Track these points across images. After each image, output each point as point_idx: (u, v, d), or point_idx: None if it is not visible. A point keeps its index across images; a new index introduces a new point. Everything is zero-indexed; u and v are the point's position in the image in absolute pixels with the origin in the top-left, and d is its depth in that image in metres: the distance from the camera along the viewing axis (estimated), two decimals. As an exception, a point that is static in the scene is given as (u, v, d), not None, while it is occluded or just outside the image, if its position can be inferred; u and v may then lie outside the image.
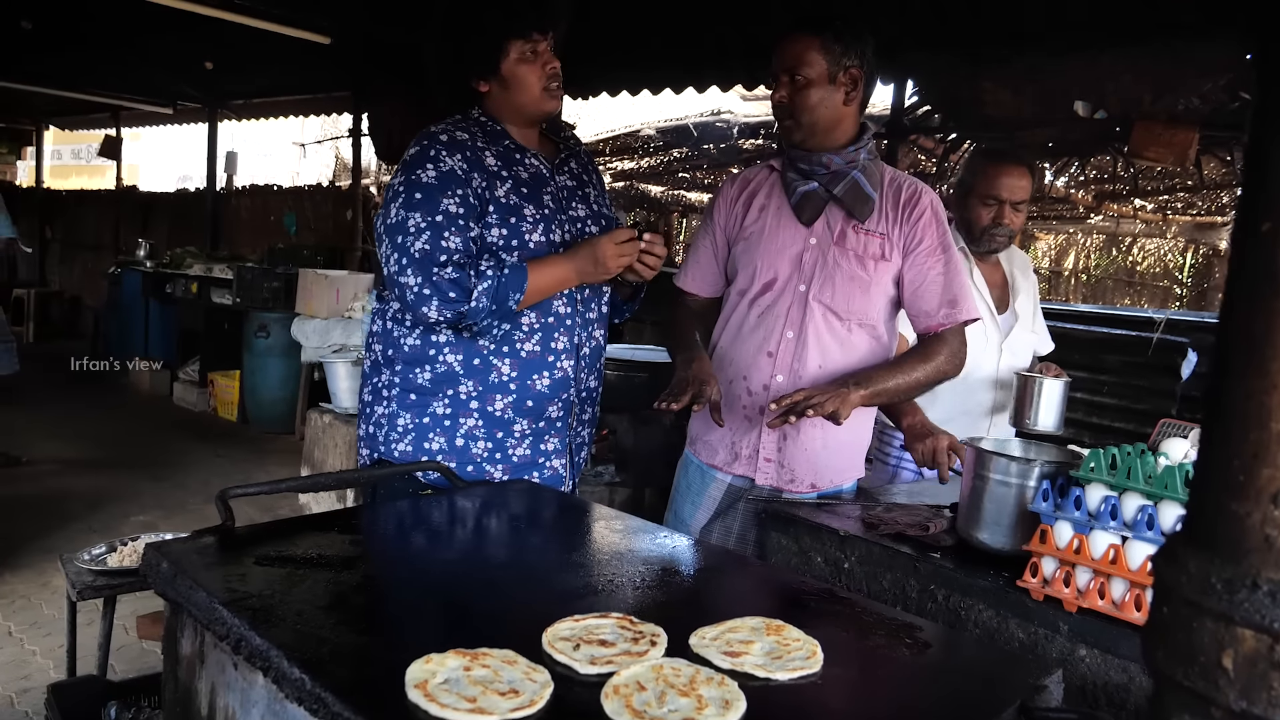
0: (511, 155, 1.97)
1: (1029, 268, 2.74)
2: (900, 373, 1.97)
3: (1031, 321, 2.66)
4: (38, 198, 12.34)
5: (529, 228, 1.91)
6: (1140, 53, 3.70)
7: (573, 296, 2.00)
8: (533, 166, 1.99)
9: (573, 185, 2.06)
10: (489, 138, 1.97)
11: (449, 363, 1.94)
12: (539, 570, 1.39)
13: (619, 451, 4.16)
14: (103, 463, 5.76)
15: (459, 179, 1.87)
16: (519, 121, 2.00)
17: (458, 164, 1.88)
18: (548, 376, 1.98)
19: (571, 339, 2.00)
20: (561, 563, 1.42)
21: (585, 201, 2.06)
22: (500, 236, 1.90)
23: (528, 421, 1.99)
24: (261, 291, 6.65)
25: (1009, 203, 2.49)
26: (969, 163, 2.94)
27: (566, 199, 2.02)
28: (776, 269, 2.04)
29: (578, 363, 2.03)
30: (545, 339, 1.97)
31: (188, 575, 1.25)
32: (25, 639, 3.42)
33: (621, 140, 9.19)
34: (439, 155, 1.88)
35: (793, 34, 1.96)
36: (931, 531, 1.70)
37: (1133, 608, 1.35)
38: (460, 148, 1.90)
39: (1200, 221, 8.90)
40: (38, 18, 6.40)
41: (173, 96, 9.38)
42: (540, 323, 1.96)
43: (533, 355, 1.96)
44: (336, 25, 5.76)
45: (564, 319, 1.99)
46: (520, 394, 1.96)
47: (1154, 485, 1.38)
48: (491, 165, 1.92)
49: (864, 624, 1.24)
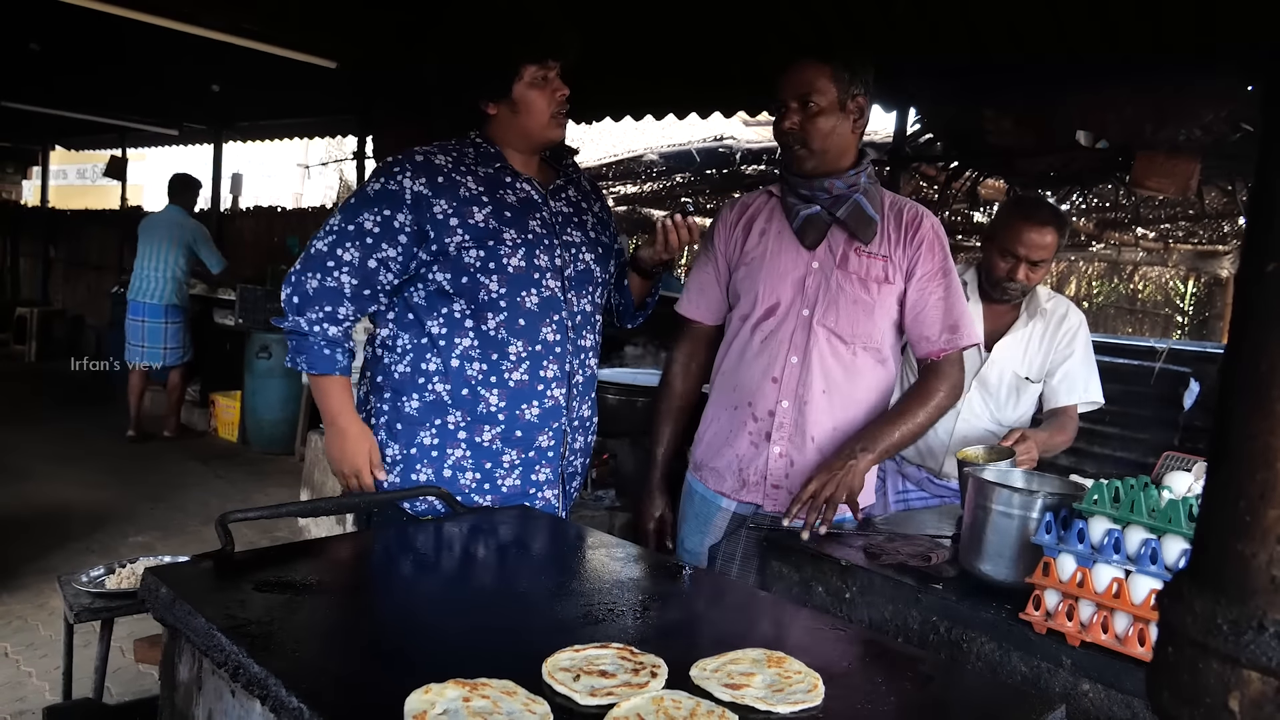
0: (500, 179, 1.98)
1: (1063, 323, 2.51)
2: (903, 421, 1.97)
3: (1034, 371, 2.50)
4: (42, 217, 12.38)
5: (507, 251, 1.92)
6: (1142, 83, 3.72)
7: (563, 324, 1.99)
8: (523, 191, 1.99)
9: (568, 212, 2.06)
10: (480, 160, 1.98)
11: (437, 391, 1.94)
12: (538, 598, 1.38)
13: (619, 476, 4.15)
14: (102, 482, 5.74)
15: (397, 201, 1.89)
16: (521, 146, 2.01)
17: (413, 186, 1.89)
18: (537, 406, 1.97)
19: (563, 367, 2.00)
20: (561, 590, 1.41)
21: (581, 228, 2.07)
22: (477, 259, 1.90)
23: (517, 452, 1.98)
24: (263, 312, 6.65)
25: (1026, 260, 2.40)
26: (1000, 209, 2.84)
27: (560, 225, 2.02)
28: (779, 294, 2.05)
29: (569, 390, 2.02)
30: (534, 367, 1.96)
31: (186, 601, 1.25)
32: (21, 660, 3.39)
33: (624, 164, 9.24)
34: (397, 174, 1.91)
35: (803, 61, 1.97)
36: (933, 562, 1.69)
37: (1136, 642, 1.34)
38: (431, 170, 1.92)
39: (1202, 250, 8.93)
40: (45, 40, 6.45)
41: (178, 118, 9.44)
42: (528, 351, 1.95)
43: (521, 384, 1.95)
44: (343, 50, 5.80)
45: (553, 346, 1.98)
46: (509, 424, 1.95)
47: (1158, 519, 1.38)
48: (471, 189, 1.93)
49: (866, 656, 1.23)
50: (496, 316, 1.92)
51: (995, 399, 2.52)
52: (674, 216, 2.03)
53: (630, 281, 2.21)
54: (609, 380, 3.89)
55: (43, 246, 12.24)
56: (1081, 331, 2.54)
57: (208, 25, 5.28)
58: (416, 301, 1.95)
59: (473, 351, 1.93)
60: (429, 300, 1.94)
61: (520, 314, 1.93)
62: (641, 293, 2.24)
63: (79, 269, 11.69)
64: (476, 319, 1.92)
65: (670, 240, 2.03)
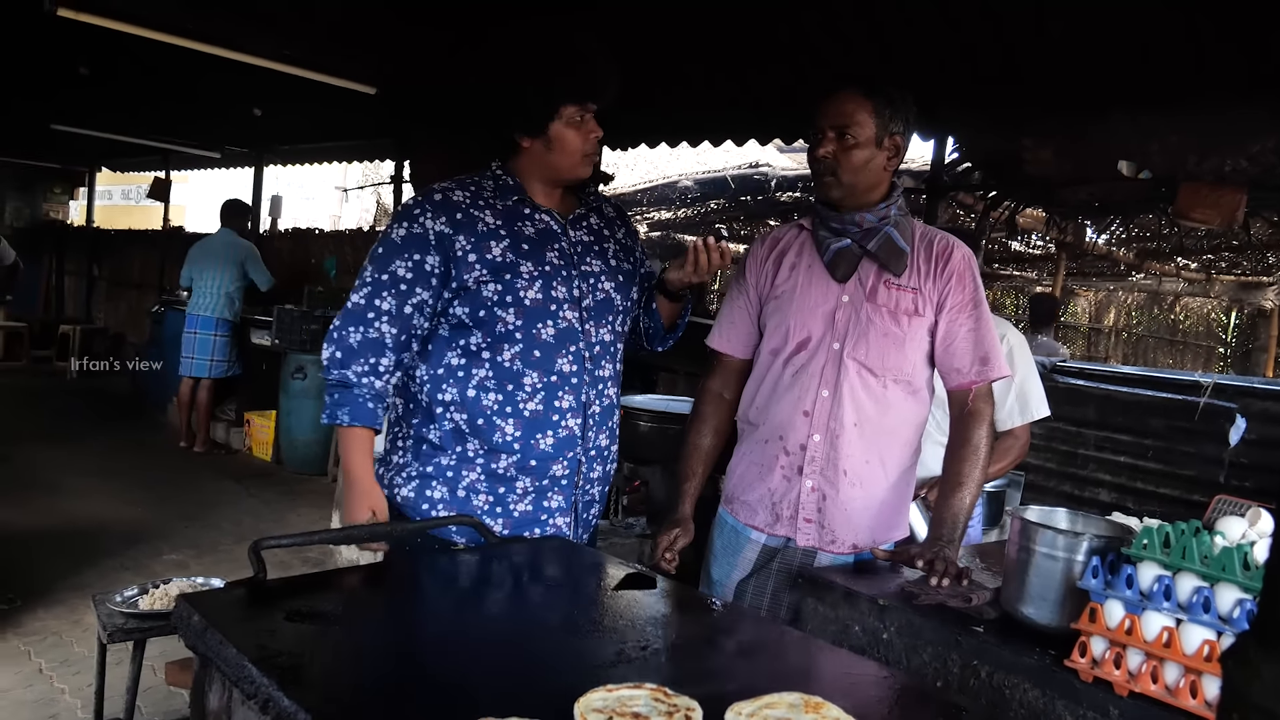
0: (519, 211, 1.98)
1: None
2: (965, 489, 1.94)
3: None
4: (87, 236, 12.65)
5: (524, 284, 1.92)
6: (1186, 113, 3.66)
7: (580, 354, 1.98)
8: (542, 223, 2.00)
9: (589, 241, 2.06)
10: (499, 193, 1.99)
11: (455, 420, 1.95)
12: (571, 634, 1.36)
13: (651, 504, 4.12)
14: (138, 499, 5.81)
15: (424, 244, 1.90)
16: (546, 180, 2.01)
17: (434, 226, 1.91)
18: (552, 435, 1.96)
19: (578, 397, 1.99)
20: (595, 626, 1.39)
21: (602, 257, 2.06)
22: (495, 293, 1.91)
23: (531, 479, 1.98)
24: (300, 334, 6.72)
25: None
26: None
27: (580, 254, 2.02)
28: (810, 328, 2.03)
29: (585, 421, 2.01)
30: (549, 398, 1.95)
31: (218, 630, 1.24)
32: (55, 677, 3.42)
33: (659, 190, 9.26)
34: (418, 215, 1.92)
35: (846, 92, 1.96)
36: (974, 603, 1.65)
37: (1188, 694, 1.29)
38: (450, 208, 1.93)
39: (1245, 281, 8.77)
40: (94, 64, 6.60)
41: (220, 142, 9.61)
42: (543, 382, 1.95)
43: (536, 415, 1.95)
44: (382, 76, 5.88)
45: (569, 377, 1.97)
46: (524, 453, 1.95)
47: (1210, 566, 1.33)
48: (489, 224, 1.94)
49: (907, 703, 1.19)
50: (512, 348, 1.93)
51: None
52: (706, 240, 2.02)
53: (659, 304, 2.20)
54: (641, 407, 3.88)
55: (87, 265, 12.50)
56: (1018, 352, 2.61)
57: (250, 52, 5.39)
58: (440, 333, 1.97)
59: (488, 382, 1.93)
60: (450, 333, 1.96)
61: (536, 346, 1.94)
62: (671, 316, 2.22)
63: (121, 288, 11.91)
64: (493, 350, 1.93)
65: (700, 262, 2.02)
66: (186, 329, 7.07)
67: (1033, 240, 8.54)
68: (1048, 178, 4.32)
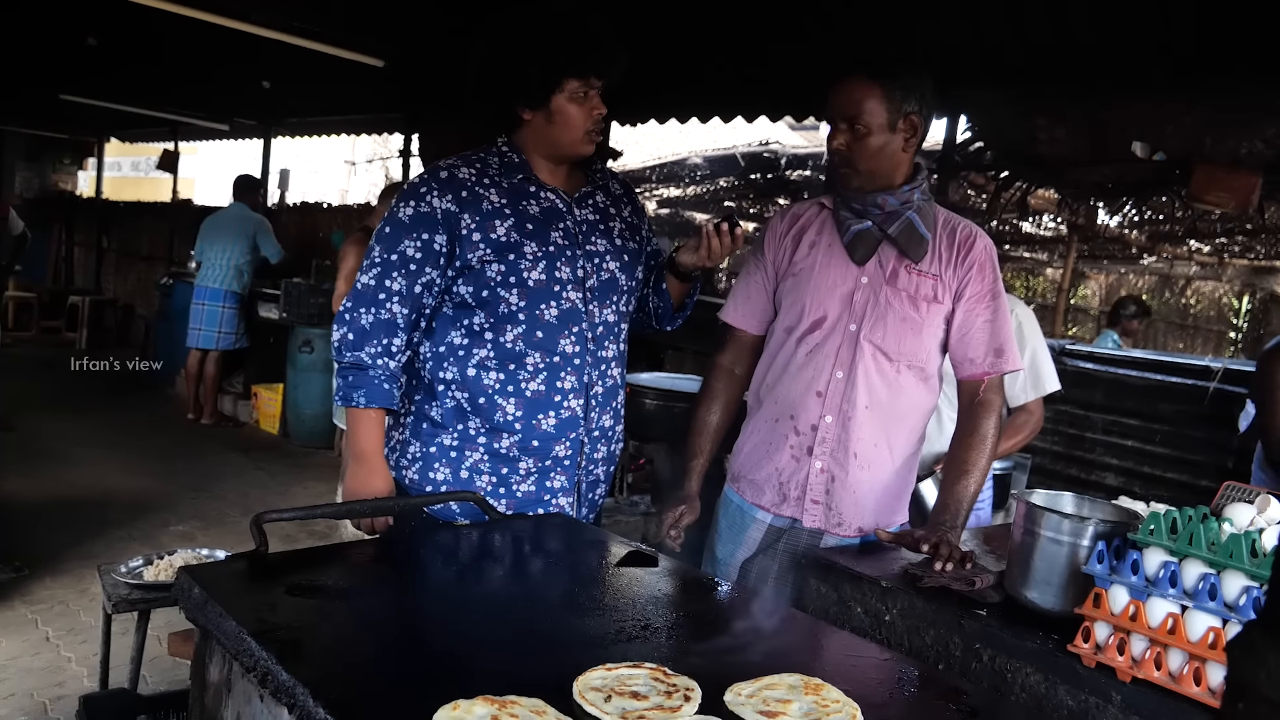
0: (524, 189, 1.96)
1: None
2: (970, 476, 1.93)
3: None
4: (96, 208, 12.64)
5: (528, 265, 1.91)
6: (1201, 95, 3.62)
7: (583, 335, 1.97)
8: (546, 201, 1.98)
9: (594, 219, 2.04)
10: (504, 171, 1.97)
11: (457, 399, 1.94)
12: (572, 612, 1.36)
13: (655, 481, 4.13)
14: (145, 470, 5.84)
15: (432, 223, 1.89)
16: (549, 156, 1.99)
17: (442, 204, 1.89)
18: (554, 416, 1.95)
19: (580, 378, 1.98)
20: (595, 604, 1.39)
21: (607, 236, 2.04)
22: (498, 273, 1.90)
23: (534, 460, 1.97)
24: (307, 307, 6.72)
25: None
26: None
27: (585, 233, 2.00)
28: (826, 307, 2.01)
29: (588, 402, 1.99)
30: (551, 379, 1.94)
31: (218, 603, 1.24)
32: (62, 645, 3.45)
33: (668, 168, 9.22)
34: (425, 194, 1.90)
35: (852, 79, 1.92)
36: (978, 587, 1.64)
37: (1191, 681, 1.28)
38: (456, 186, 1.91)
39: (1258, 266, 8.70)
40: (103, 34, 6.58)
41: (229, 113, 9.59)
42: (545, 362, 1.94)
43: (538, 395, 1.94)
44: (390, 49, 5.84)
45: (571, 358, 1.96)
46: (526, 433, 1.94)
47: (1217, 553, 1.32)
48: (494, 202, 1.92)
49: (907, 686, 1.19)
50: (515, 329, 1.92)
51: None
52: (720, 224, 2.00)
53: (668, 284, 2.18)
54: (647, 385, 3.86)
55: (96, 236, 12.50)
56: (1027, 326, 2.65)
57: (258, 23, 5.36)
58: (444, 311, 1.96)
59: (490, 362, 1.93)
60: (454, 311, 1.95)
61: (539, 326, 1.92)
62: (680, 295, 2.20)
63: (130, 259, 11.92)
64: (495, 331, 1.92)
65: (714, 246, 2.00)
66: (195, 300, 7.11)
67: (1044, 221, 8.47)
68: (1061, 158, 4.28)
